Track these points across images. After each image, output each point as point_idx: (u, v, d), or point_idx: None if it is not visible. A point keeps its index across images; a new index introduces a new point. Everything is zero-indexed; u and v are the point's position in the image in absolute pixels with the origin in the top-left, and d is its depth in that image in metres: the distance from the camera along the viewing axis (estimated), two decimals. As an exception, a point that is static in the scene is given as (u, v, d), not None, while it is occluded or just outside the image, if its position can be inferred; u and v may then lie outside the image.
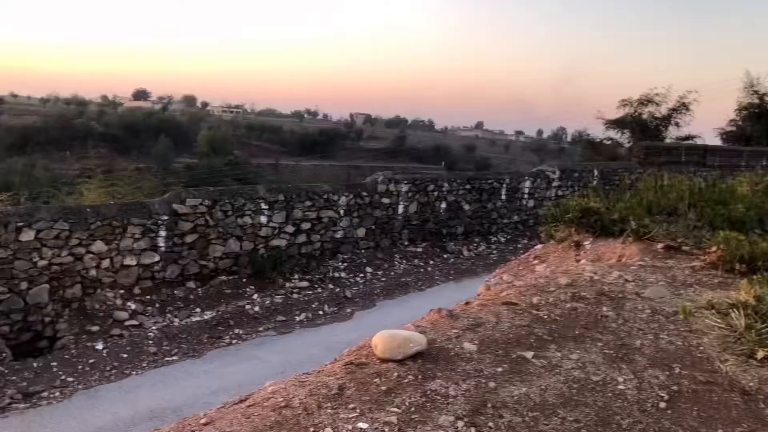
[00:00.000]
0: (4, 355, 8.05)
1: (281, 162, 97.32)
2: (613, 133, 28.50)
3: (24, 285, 8.85)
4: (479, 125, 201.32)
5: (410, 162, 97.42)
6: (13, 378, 7.56)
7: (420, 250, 14.56)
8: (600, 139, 29.49)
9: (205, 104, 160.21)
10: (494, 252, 15.63)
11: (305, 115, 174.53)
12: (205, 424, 2.82)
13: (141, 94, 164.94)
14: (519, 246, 16.13)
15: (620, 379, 3.08)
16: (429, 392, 2.94)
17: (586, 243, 6.68)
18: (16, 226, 8.70)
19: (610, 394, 2.98)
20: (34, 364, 7.96)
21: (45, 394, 7.28)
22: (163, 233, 10.31)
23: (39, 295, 8.96)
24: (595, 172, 18.92)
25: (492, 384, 3.05)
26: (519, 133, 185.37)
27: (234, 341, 9.16)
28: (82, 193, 14.61)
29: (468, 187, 15.99)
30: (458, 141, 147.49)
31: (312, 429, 2.62)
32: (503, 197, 16.87)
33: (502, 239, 16.60)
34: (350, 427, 2.64)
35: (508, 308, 4.04)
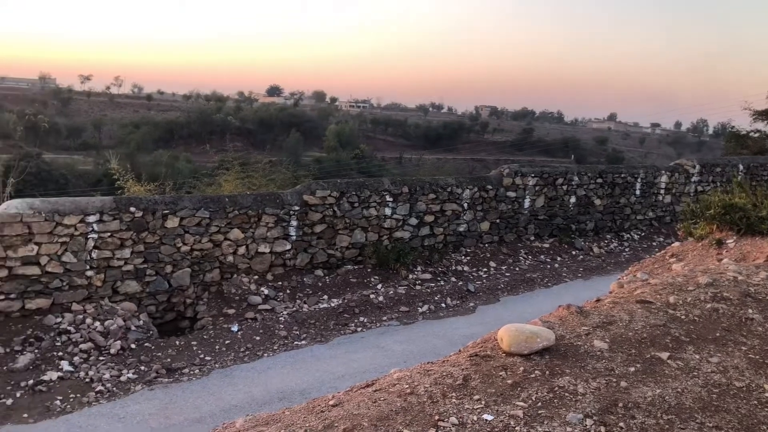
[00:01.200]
0: (151, 332, 8.72)
1: (405, 155, 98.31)
2: (762, 125, 26.39)
3: (169, 268, 9.52)
4: (612, 117, 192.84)
5: (537, 155, 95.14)
6: (159, 354, 8.16)
7: (546, 245, 14.21)
8: (746, 132, 27.36)
9: (333, 99, 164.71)
10: (626, 249, 14.96)
11: (430, 109, 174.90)
12: (333, 405, 2.93)
13: (274, 90, 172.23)
14: (654, 244, 15.34)
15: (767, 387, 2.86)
16: (557, 388, 2.87)
17: (729, 241, 6.25)
18: (163, 213, 9.37)
19: (755, 402, 2.78)
20: (177, 342, 8.56)
21: (186, 370, 7.80)
22: (294, 223, 10.74)
23: (182, 278, 9.62)
24: (741, 167, 17.59)
25: (624, 384, 2.93)
26: (655, 125, 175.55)
27: (359, 329, 9.38)
28: (220, 184, 15.49)
29: (599, 181, 15.39)
30: (589, 133, 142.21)
31: (437, 417, 2.65)
32: (637, 192, 16.10)
33: (636, 236, 15.84)
34: (475, 417, 2.64)
35: (642, 307, 3.86)
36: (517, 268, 12.83)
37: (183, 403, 6.95)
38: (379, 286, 10.89)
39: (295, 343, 8.76)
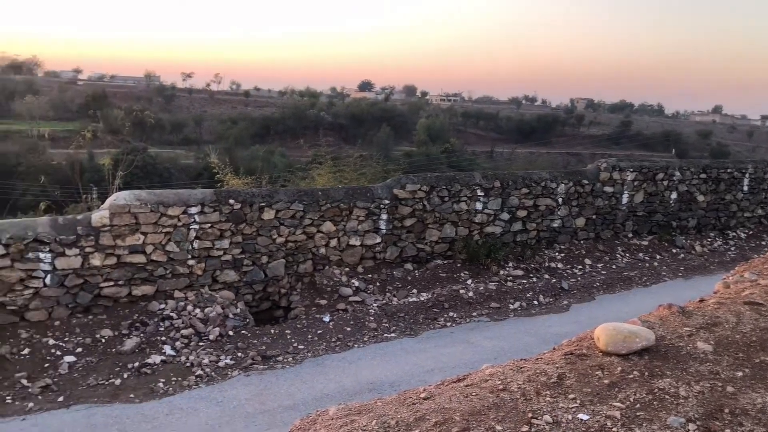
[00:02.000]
0: (247, 320, 9.03)
1: (496, 149, 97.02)
2: None
3: (264, 259, 9.82)
4: (717, 109, 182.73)
5: (635, 149, 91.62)
6: (254, 342, 8.44)
7: (645, 243, 13.67)
8: None
9: (424, 93, 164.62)
10: (732, 248, 14.17)
11: (523, 102, 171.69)
12: (425, 398, 2.94)
13: (366, 86, 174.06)
14: (763, 243, 14.46)
15: None
16: (656, 390, 2.76)
17: None
18: (260, 205, 9.68)
19: None
20: (272, 331, 8.82)
21: (280, 358, 8.04)
22: (384, 216, 10.83)
23: (276, 268, 9.90)
24: None
25: (730, 388, 2.78)
26: (765, 117, 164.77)
27: (448, 324, 9.36)
28: (313, 177, 15.82)
29: (703, 176, 14.65)
30: (691, 126, 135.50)
31: (530, 414, 2.61)
32: (745, 188, 15.21)
33: (742, 234, 14.99)
34: (570, 417, 2.58)
35: (750, 308, 3.65)
36: (613, 266, 12.42)
37: (277, 389, 7.17)
38: (469, 282, 10.81)
39: (385, 335, 8.84)
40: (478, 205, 11.81)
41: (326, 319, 9.20)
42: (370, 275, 10.56)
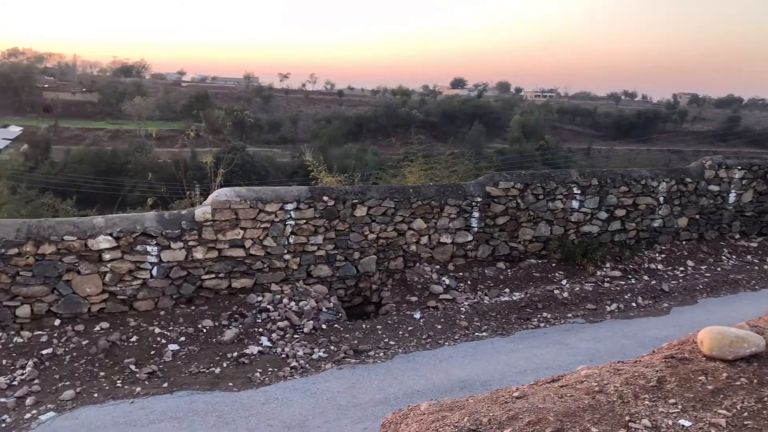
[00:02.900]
0: (340, 314, 9.21)
1: (594, 146, 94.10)
2: None
3: (356, 255, 9.98)
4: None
5: (744, 146, 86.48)
6: (347, 336, 8.59)
7: (754, 245, 12.89)
8: None
9: (518, 90, 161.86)
10: None
11: (622, 97, 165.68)
12: (518, 398, 2.91)
13: (458, 83, 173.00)
14: None
15: None
16: (766, 398, 2.62)
17: None
18: (352, 202, 9.83)
19: None
20: (363, 326, 8.95)
21: (371, 353, 8.14)
22: (476, 214, 10.75)
23: (368, 264, 10.04)
24: None
25: None
26: None
27: (542, 324, 9.18)
28: (404, 175, 15.90)
29: (820, 174, 13.64)
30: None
31: (627, 418, 2.53)
32: None
33: None
34: (670, 422, 2.49)
35: None
36: (718, 269, 11.79)
37: (369, 384, 7.27)
38: (564, 282, 10.56)
39: (476, 334, 8.78)
40: (575, 204, 11.51)
41: (417, 316, 9.24)
42: (461, 273, 10.52)
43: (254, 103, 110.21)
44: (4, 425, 6.42)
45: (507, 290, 10.23)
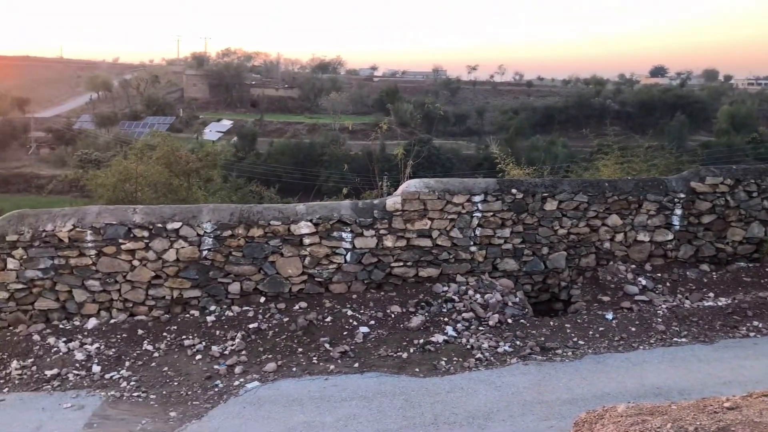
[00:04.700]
0: (526, 310, 9.05)
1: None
2: None
3: (545, 250, 9.73)
4: None
5: None
6: (533, 332, 8.43)
7: None
8: None
9: (727, 77, 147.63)
10: None
11: None
12: (729, 408, 2.68)
13: (658, 71, 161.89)
14: None
15: None
16: None
17: None
18: (542, 196, 9.60)
19: None
20: (551, 323, 8.73)
21: (559, 351, 7.92)
22: (678, 212, 10.00)
23: (557, 260, 9.75)
24: None
25: None
26: None
27: (751, 333, 8.34)
28: (598, 168, 15.19)
29: None
30: None
31: None
32: None
33: None
34: None
35: None
36: None
37: (555, 382, 7.09)
38: (779, 288, 9.49)
39: (674, 339, 8.20)
40: (795, 203, 10.28)
41: (609, 316, 8.82)
42: (659, 274, 9.85)
43: (441, 95, 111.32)
44: (216, 389, 7.15)
45: (711, 294, 9.42)
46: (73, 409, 6.79)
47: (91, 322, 8.51)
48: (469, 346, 7.99)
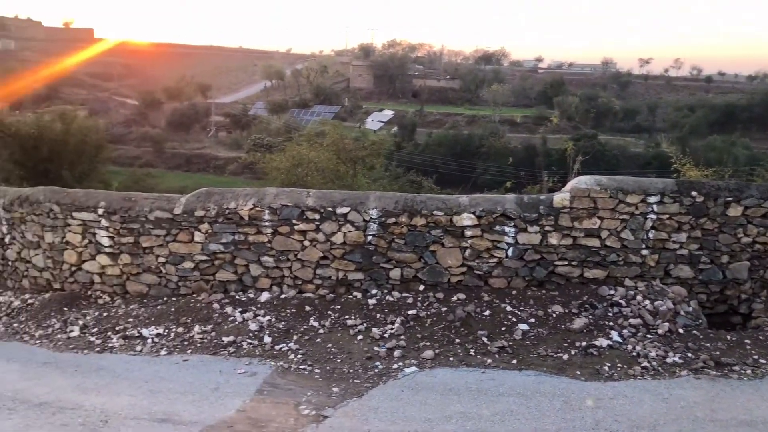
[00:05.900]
0: (700, 321, 8.44)
1: None
2: None
3: (725, 258, 9.02)
4: None
5: None
6: (707, 345, 7.86)
7: None
8: None
9: None
10: None
11: None
12: None
13: None
14: None
15: None
16: None
17: None
18: (725, 200, 8.89)
19: None
20: (727, 337, 8.08)
21: (736, 368, 7.32)
22: None
23: (739, 270, 9.00)
24: None
25: None
26: None
27: None
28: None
29: None
30: None
31: None
32: None
33: None
34: None
35: None
36: None
37: (731, 400, 6.58)
38: None
39: None
40: None
41: (798, 335, 8.01)
42: None
43: (609, 89, 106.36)
44: (376, 370, 7.39)
45: None
46: (246, 375, 7.32)
47: (264, 296, 9.12)
48: (635, 354, 7.61)
